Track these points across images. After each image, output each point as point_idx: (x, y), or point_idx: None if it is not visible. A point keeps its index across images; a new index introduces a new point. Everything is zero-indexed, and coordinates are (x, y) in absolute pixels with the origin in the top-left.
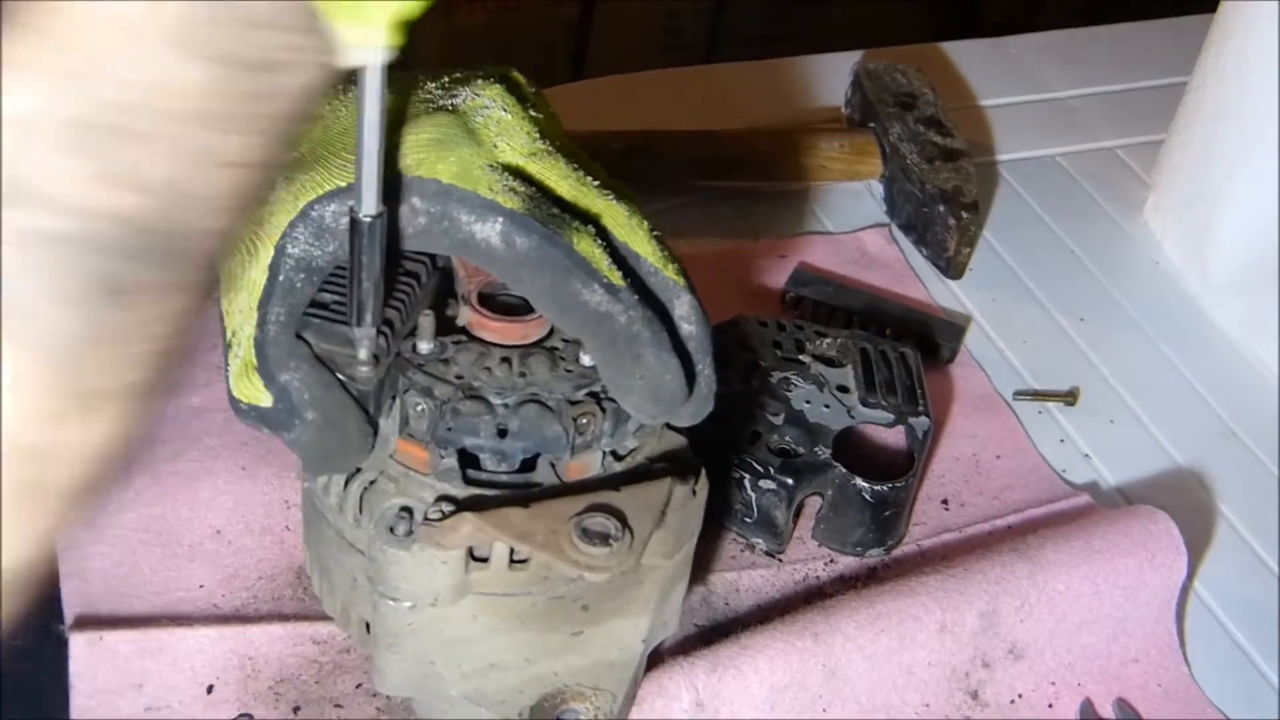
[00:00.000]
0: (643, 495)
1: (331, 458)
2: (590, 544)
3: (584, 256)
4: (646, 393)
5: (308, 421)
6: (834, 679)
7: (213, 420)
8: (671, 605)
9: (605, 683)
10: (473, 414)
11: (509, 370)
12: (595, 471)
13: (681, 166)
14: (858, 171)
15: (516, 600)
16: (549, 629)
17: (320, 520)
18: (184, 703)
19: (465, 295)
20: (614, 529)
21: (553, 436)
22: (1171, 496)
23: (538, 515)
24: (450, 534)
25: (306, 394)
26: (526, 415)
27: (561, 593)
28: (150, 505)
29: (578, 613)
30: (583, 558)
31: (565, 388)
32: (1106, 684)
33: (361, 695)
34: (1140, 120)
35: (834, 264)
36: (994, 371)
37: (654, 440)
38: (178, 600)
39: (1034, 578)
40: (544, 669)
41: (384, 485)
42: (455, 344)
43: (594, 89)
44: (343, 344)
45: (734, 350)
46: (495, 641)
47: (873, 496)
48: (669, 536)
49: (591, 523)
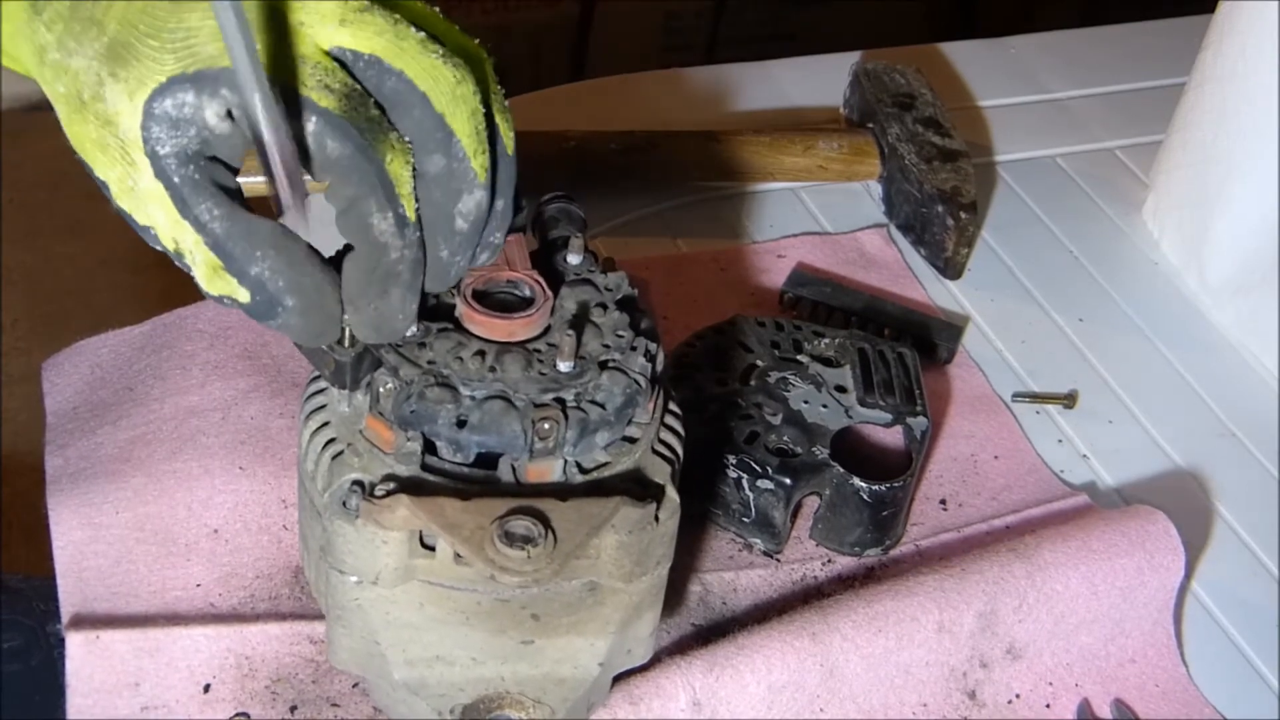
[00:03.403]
0: (582, 509)
1: (322, 335)
2: (509, 546)
3: (391, 178)
4: (372, 321)
5: (289, 308)
6: (832, 679)
7: (209, 420)
8: (636, 633)
9: (550, 698)
10: (436, 401)
11: (481, 363)
12: (555, 479)
13: (681, 166)
14: (856, 172)
15: (462, 595)
16: (496, 631)
17: (302, 486)
18: (180, 702)
19: (462, 288)
20: (537, 534)
21: (511, 435)
22: (1169, 497)
23: (470, 510)
24: (387, 514)
25: (281, 281)
26: (489, 410)
27: (507, 596)
28: (147, 504)
29: (527, 620)
30: (498, 557)
31: (533, 389)
32: (1104, 684)
33: (359, 695)
34: (1139, 121)
35: (832, 264)
36: (992, 372)
37: (628, 459)
38: (174, 600)
39: (1032, 578)
40: (491, 671)
41: (349, 458)
42: (439, 330)
43: (594, 89)
44: None
45: (732, 350)
46: (442, 633)
47: (870, 496)
48: (625, 560)
49: (515, 525)
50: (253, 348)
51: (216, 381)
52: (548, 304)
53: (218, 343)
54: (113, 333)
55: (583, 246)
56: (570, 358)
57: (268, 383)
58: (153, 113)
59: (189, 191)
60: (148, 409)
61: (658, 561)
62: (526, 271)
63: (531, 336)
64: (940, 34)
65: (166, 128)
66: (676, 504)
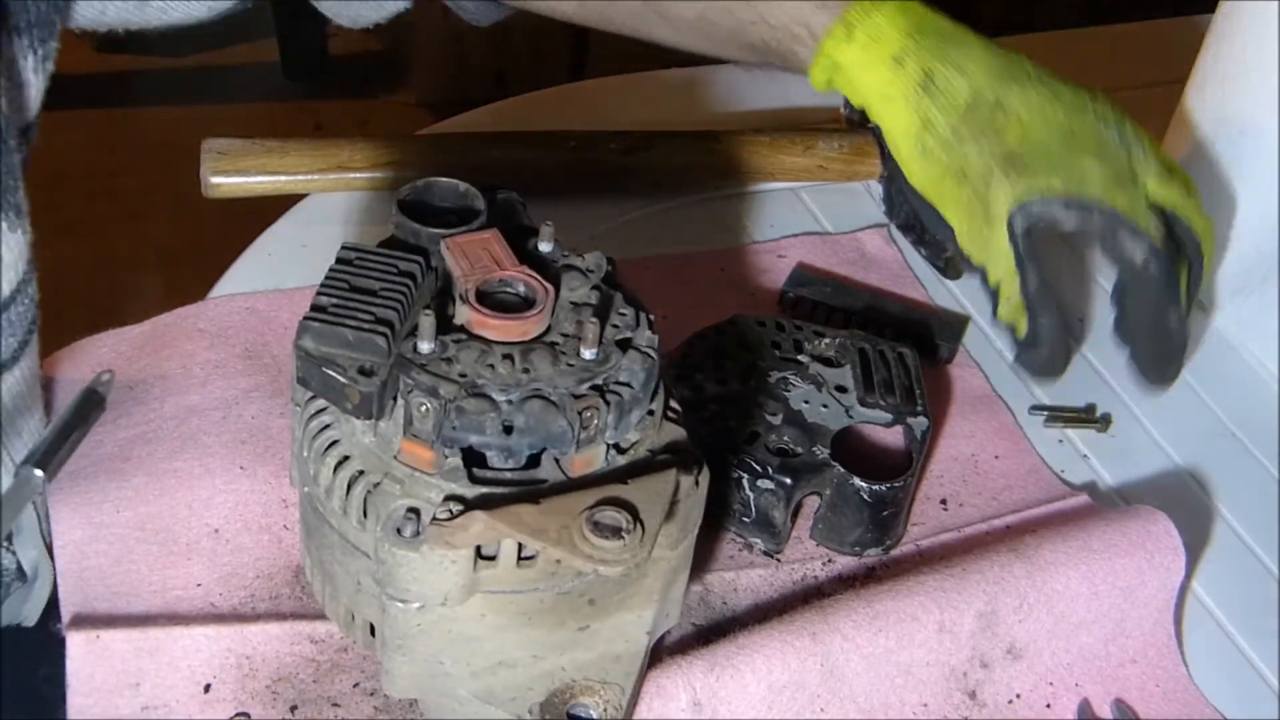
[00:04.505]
0: (651, 487)
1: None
2: (603, 537)
3: None
4: None
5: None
6: (832, 679)
7: (210, 419)
8: (674, 596)
9: (613, 676)
10: (478, 412)
11: (512, 367)
12: (599, 465)
13: (681, 166)
14: (856, 172)
15: (524, 597)
16: (556, 624)
17: (322, 525)
18: (181, 702)
19: (463, 294)
20: (625, 522)
21: (558, 431)
22: (1170, 497)
23: (549, 511)
24: (460, 533)
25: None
26: (531, 411)
27: (568, 588)
28: (148, 504)
29: (584, 607)
30: (596, 552)
31: (569, 382)
32: (1104, 684)
33: (359, 694)
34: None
35: (832, 264)
36: (992, 372)
37: (654, 433)
38: (175, 599)
39: (1032, 578)
40: (551, 665)
41: (389, 487)
42: (456, 342)
43: (594, 89)
44: (341, 346)
45: (732, 350)
46: (503, 639)
47: (871, 496)
48: (674, 528)
49: (603, 516)
50: (253, 347)
51: (217, 381)
52: (550, 298)
53: (218, 342)
54: (113, 332)
55: (552, 234)
56: (594, 345)
57: (268, 382)
58: (1028, 210)
59: (1027, 256)
60: (148, 408)
61: (695, 524)
62: (518, 269)
63: (542, 331)
64: None
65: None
66: (704, 464)
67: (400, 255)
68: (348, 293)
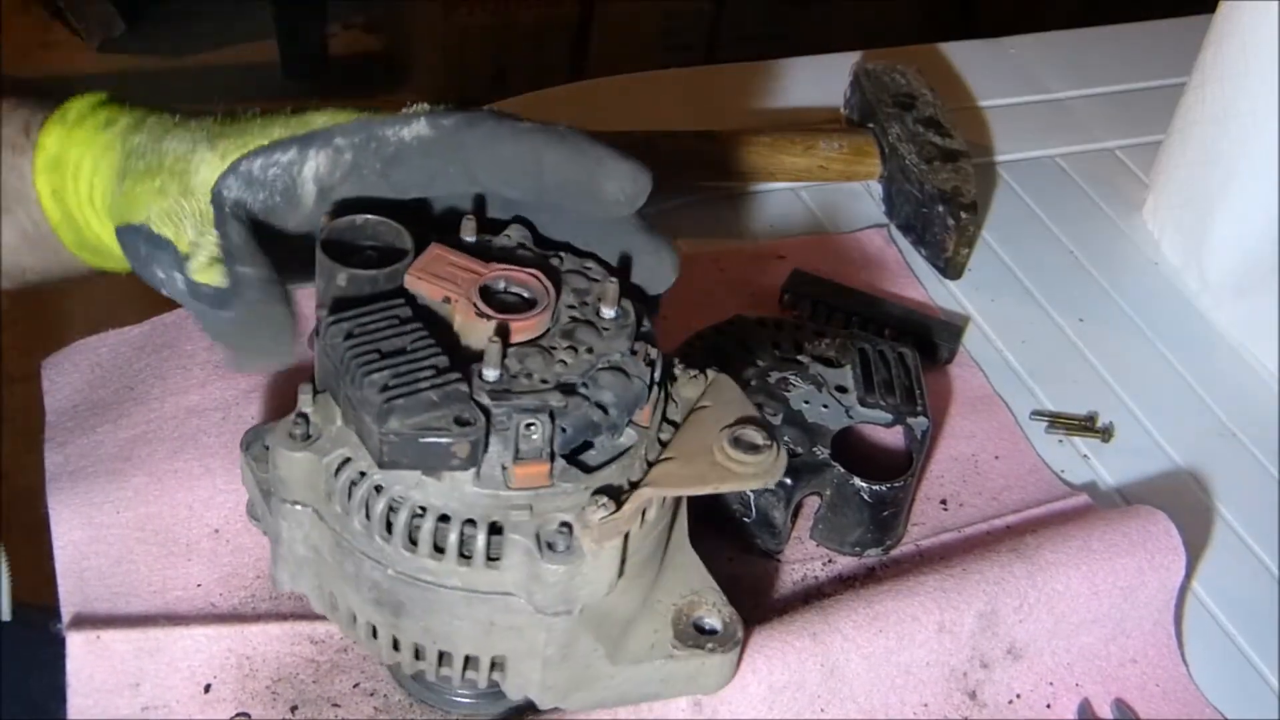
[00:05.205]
0: (722, 396)
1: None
2: (746, 454)
3: None
4: (618, 180)
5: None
6: (832, 679)
7: (210, 419)
8: None
9: (701, 588)
10: (577, 406)
11: (575, 355)
12: (656, 416)
13: (681, 166)
14: (856, 172)
15: (643, 551)
16: (654, 563)
17: (427, 594)
18: (181, 702)
19: (476, 308)
20: (762, 438)
21: (639, 389)
22: (1170, 497)
23: (684, 457)
24: (625, 520)
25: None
26: (612, 384)
27: (661, 526)
28: (148, 504)
29: (663, 537)
30: (746, 469)
31: (619, 344)
32: (1105, 684)
33: (359, 694)
34: (1139, 121)
35: (833, 264)
36: (992, 372)
37: None
38: (175, 599)
39: (1032, 578)
40: (661, 603)
41: (517, 520)
42: (517, 356)
43: (594, 89)
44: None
45: (732, 350)
46: (629, 600)
47: (871, 496)
48: None
49: (743, 434)
50: None
51: (217, 381)
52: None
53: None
54: (113, 332)
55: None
56: (614, 302)
57: (269, 382)
58: (237, 168)
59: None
60: (148, 408)
61: None
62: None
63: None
64: (940, 34)
65: (242, 183)
66: None
67: (385, 306)
68: (387, 360)
